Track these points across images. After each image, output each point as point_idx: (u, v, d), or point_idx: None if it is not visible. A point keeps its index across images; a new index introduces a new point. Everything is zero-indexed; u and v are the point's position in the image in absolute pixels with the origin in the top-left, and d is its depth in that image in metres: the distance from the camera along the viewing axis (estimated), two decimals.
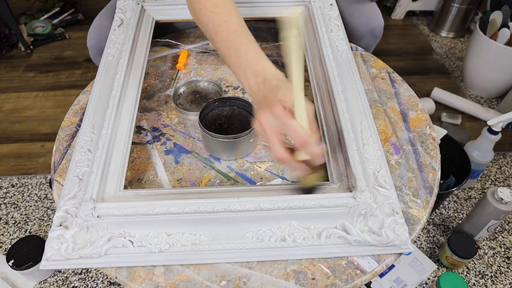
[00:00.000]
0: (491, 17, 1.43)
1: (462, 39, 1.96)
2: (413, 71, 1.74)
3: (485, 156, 1.13)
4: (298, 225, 0.47)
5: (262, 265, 0.47)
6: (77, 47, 1.89)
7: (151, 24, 0.77)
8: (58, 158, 0.60)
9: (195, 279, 0.45)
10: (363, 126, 0.56)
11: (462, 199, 1.23)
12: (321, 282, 0.45)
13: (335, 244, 0.46)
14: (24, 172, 1.31)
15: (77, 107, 0.69)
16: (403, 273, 1.02)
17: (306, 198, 0.47)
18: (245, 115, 0.64)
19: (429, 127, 0.64)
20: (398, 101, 0.69)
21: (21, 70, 1.75)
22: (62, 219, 0.47)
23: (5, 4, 1.62)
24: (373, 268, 0.46)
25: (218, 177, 0.59)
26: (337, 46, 0.68)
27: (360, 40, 0.86)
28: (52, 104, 1.58)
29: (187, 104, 0.71)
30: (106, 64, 0.65)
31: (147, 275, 0.46)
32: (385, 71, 0.75)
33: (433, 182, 0.56)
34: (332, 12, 0.76)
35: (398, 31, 2.02)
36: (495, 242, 1.11)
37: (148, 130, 0.66)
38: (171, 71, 0.78)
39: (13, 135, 1.44)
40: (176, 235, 0.47)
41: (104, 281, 1.03)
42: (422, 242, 1.12)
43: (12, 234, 1.13)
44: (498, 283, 1.03)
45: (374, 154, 0.52)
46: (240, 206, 0.46)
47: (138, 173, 0.59)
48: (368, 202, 0.47)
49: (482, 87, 1.58)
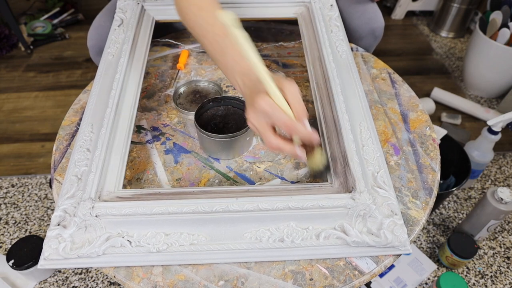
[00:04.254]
0: (491, 17, 1.43)
1: (462, 39, 1.95)
2: (413, 71, 1.74)
3: (485, 156, 1.13)
4: (296, 226, 0.47)
5: (260, 265, 0.47)
6: (77, 47, 1.90)
7: (151, 24, 0.77)
8: (58, 157, 0.60)
9: (193, 279, 0.45)
10: (363, 127, 0.56)
11: (462, 199, 1.23)
12: (319, 283, 0.45)
13: (333, 245, 0.46)
14: (24, 172, 1.31)
15: (78, 106, 0.69)
16: (403, 273, 1.02)
17: (304, 199, 0.47)
18: (240, 114, 0.64)
19: (429, 128, 0.64)
20: (399, 102, 0.69)
21: (21, 70, 1.76)
22: (60, 218, 0.47)
23: (5, 4, 1.63)
24: (371, 269, 0.46)
25: (217, 177, 0.59)
26: (337, 47, 0.68)
27: (361, 40, 0.86)
28: (52, 104, 1.58)
29: (187, 104, 0.71)
30: (106, 63, 0.65)
31: (145, 275, 0.46)
32: (385, 71, 0.75)
33: (433, 183, 0.56)
34: (332, 13, 0.76)
35: (398, 31, 2.02)
36: (495, 242, 1.11)
37: (148, 130, 0.66)
38: (171, 71, 0.78)
39: (13, 135, 1.45)
40: (174, 235, 0.47)
41: (104, 281, 1.03)
42: (422, 242, 1.12)
43: (12, 234, 1.13)
44: (498, 283, 1.03)
45: (373, 155, 0.52)
46: (239, 206, 0.46)
47: (137, 172, 0.59)
48: (367, 203, 0.47)
49: (482, 87, 1.58)
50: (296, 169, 0.59)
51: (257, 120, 0.46)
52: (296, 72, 0.77)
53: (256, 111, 0.45)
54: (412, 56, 1.84)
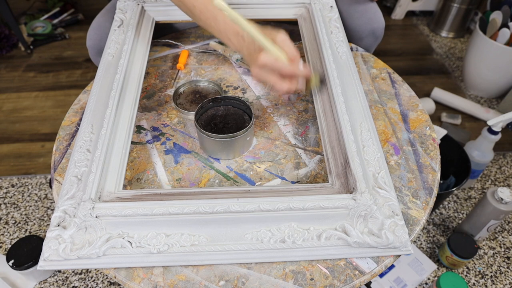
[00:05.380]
0: (491, 17, 1.43)
1: (462, 39, 1.96)
2: (413, 71, 1.74)
3: (485, 156, 1.13)
4: (297, 227, 0.47)
5: (261, 265, 0.47)
6: (77, 47, 1.90)
7: (151, 25, 0.77)
8: (58, 157, 0.60)
9: (194, 279, 0.45)
10: (363, 127, 0.56)
11: (462, 199, 1.23)
12: (320, 283, 0.45)
13: (334, 245, 0.46)
14: (24, 172, 1.31)
15: (78, 106, 0.69)
16: (403, 273, 1.02)
17: (305, 200, 0.47)
18: (240, 114, 0.64)
19: (429, 128, 0.64)
20: (398, 102, 0.69)
21: (21, 70, 1.76)
22: (60, 219, 0.47)
23: (5, 4, 1.62)
24: (372, 268, 0.46)
25: (218, 177, 0.59)
26: (337, 48, 0.68)
27: (361, 40, 0.86)
28: (52, 104, 1.58)
29: (187, 104, 0.71)
30: (106, 64, 0.65)
31: (146, 275, 0.46)
32: (385, 71, 0.75)
33: (433, 183, 0.56)
34: (332, 14, 0.75)
35: (398, 31, 2.02)
36: (495, 242, 1.11)
37: (148, 130, 0.66)
38: (171, 71, 0.78)
39: (13, 135, 1.45)
40: (175, 236, 0.46)
41: (104, 281, 1.03)
42: (422, 242, 1.12)
43: (12, 234, 1.13)
44: (498, 283, 1.03)
45: (374, 156, 0.52)
46: (240, 207, 0.46)
47: (137, 172, 0.59)
48: (368, 203, 0.47)
49: (482, 87, 1.58)
50: (296, 169, 0.59)
51: (263, 74, 0.55)
52: None
53: (260, 67, 0.54)
54: (412, 56, 1.84)
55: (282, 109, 0.69)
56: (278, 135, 0.65)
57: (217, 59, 0.81)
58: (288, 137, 0.64)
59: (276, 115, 0.68)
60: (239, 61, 0.77)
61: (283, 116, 0.68)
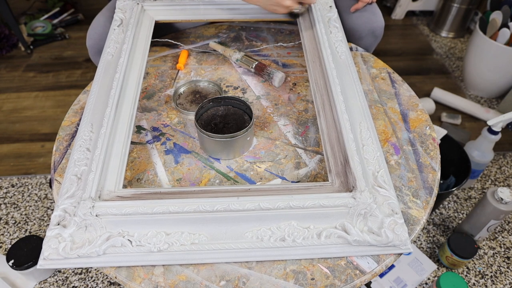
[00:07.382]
0: (491, 17, 1.43)
1: (462, 39, 1.96)
2: (413, 71, 1.74)
3: (485, 156, 1.13)
4: (297, 225, 0.47)
5: (262, 265, 0.47)
6: (77, 47, 1.90)
7: (151, 24, 0.77)
8: (58, 157, 0.60)
9: (195, 279, 0.45)
10: (362, 127, 0.56)
11: (462, 199, 1.23)
12: (321, 282, 0.45)
13: (334, 244, 0.46)
14: (24, 172, 1.31)
15: (77, 106, 0.69)
16: (403, 273, 1.02)
17: (305, 198, 0.47)
18: (240, 114, 0.64)
19: (429, 128, 0.64)
20: (398, 102, 0.69)
21: (21, 70, 1.76)
22: (60, 218, 0.47)
23: (5, 4, 1.62)
24: (372, 268, 0.46)
25: (218, 177, 0.59)
26: (336, 48, 0.68)
27: (361, 40, 0.86)
28: (52, 104, 1.58)
29: (187, 104, 0.71)
30: (106, 63, 0.65)
31: (147, 275, 0.46)
32: (385, 71, 0.75)
33: (433, 183, 0.56)
34: (331, 14, 0.76)
35: (398, 31, 2.02)
36: (495, 242, 1.11)
37: (148, 130, 0.66)
38: (171, 71, 0.78)
39: (13, 135, 1.45)
40: (175, 235, 0.46)
41: (104, 281, 1.03)
42: (422, 242, 1.12)
43: (12, 234, 1.13)
44: (498, 283, 1.03)
45: (374, 155, 0.52)
46: (240, 205, 0.46)
47: (138, 172, 0.59)
48: (367, 202, 0.47)
49: (482, 87, 1.58)
50: (296, 169, 0.59)
51: None
52: (296, 72, 0.77)
53: None
54: (412, 56, 1.84)
55: (282, 109, 0.69)
56: (278, 135, 0.65)
57: (217, 59, 0.81)
58: (288, 137, 0.64)
59: (276, 115, 0.68)
60: (239, 61, 0.77)
61: (283, 116, 0.68)
